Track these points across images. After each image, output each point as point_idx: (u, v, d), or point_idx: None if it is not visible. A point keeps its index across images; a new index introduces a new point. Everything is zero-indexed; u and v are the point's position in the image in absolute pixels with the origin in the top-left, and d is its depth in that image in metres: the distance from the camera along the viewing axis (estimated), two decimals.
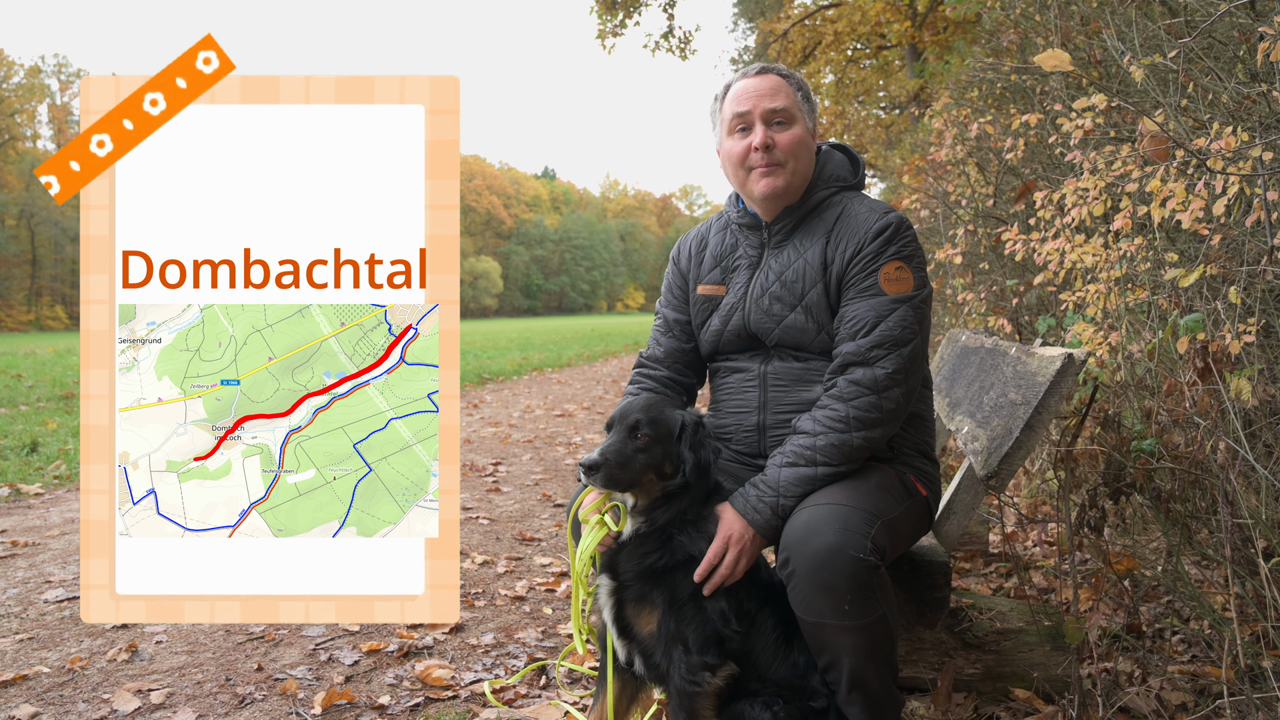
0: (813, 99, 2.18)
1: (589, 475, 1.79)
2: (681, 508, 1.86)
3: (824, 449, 1.90)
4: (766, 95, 2.07)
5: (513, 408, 9.48)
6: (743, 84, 2.12)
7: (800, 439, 1.93)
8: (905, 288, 1.98)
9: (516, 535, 4.26)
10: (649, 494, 1.86)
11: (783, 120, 2.07)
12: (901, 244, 2.01)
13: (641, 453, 1.83)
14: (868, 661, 1.76)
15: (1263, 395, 2.56)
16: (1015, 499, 4.20)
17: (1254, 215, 2.36)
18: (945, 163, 6.35)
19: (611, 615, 1.91)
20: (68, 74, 68.06)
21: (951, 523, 2.28)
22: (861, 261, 2.00)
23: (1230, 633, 2.12)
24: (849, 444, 1.90)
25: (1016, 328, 4.53)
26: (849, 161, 2.23)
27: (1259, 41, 2.40)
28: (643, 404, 1.92)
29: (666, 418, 1.89)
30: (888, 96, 18.04)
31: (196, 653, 2.76)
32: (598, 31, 15.41)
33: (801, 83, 2.15)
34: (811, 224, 2.12)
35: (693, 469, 1.85)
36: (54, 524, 4.35)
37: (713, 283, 2.23)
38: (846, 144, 2.30)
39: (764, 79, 2.10)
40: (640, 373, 2.33)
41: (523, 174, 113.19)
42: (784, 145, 2.07)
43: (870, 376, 1.92)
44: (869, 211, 2.06)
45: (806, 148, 2.11)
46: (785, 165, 2.07)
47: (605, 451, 1.80)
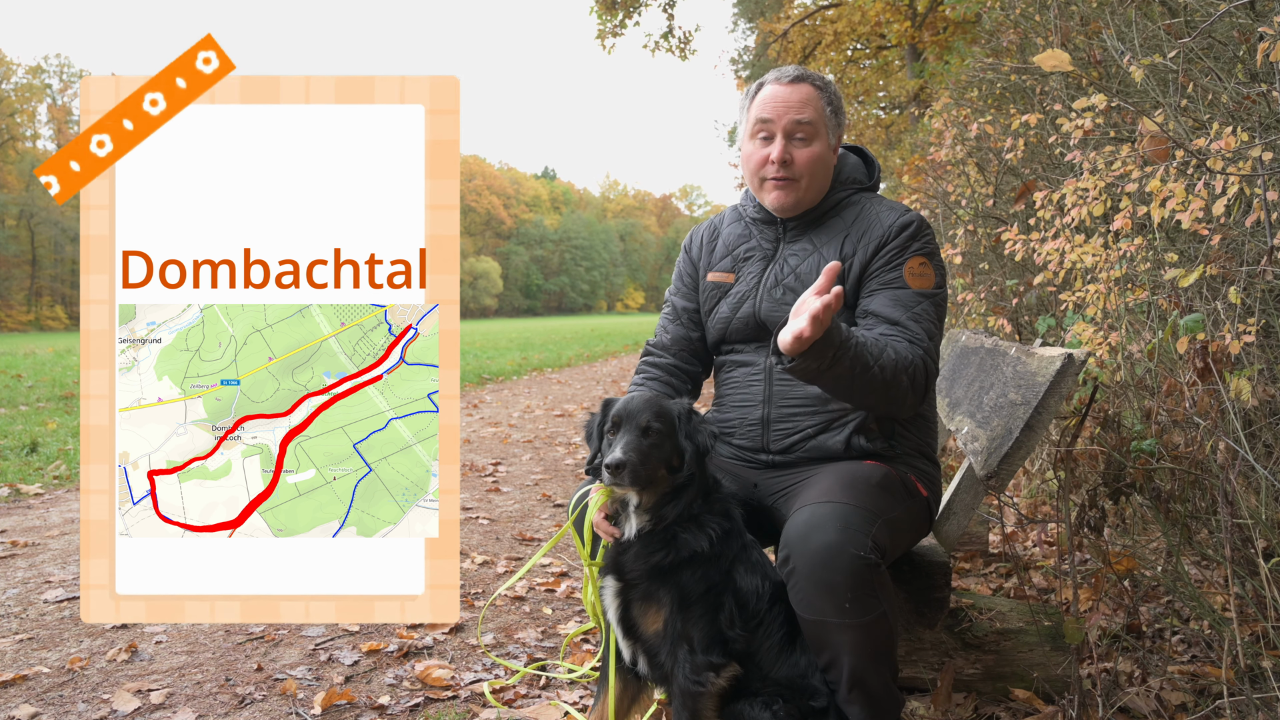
0: (842, 111, 2.17)
1: (615, 474, 1.77)
2: (687, 501, 1.86)
3: (889, 360, 1.83)
4: (795, 107, 2.07)
5: (513, 408, 9.47)
6: (773, 90, 2.10)
7: (877, 337, 1.88)
8: (928, 284, 2.01)
9: (516, 535, 4.26)
10: (657, 490, 1.86)
11: (805, 136, 2.07)
12: (924, 240, 2.05)
13: (655, 449, 1.84)
14: (868, 661, 1.76)
15: (1263, 395, 2.56)
16: (1015, 499, 4.20)
17: (1254, 215, 2.36)
18: (945, 163, 6.35)
19: (617, 615, 1.91)
20: (68, 74, 68.05)
21: (951, 523, 2.28)
22: (887, 255, 2.02)
23: (1230, 633, 2.12)
24: (899, 379, 1.85)
25: (1016, 328, 4.53)
26: (864, 164, 2.25)
27: (1259, 41, 2.40)
28: (644, 401, 1.92)
29: (669, 411, 1.91)
30: (888, 97, 18.02)
31: (196, 653, 2.76)
32: (598, 31, 15.43)
33: (834, 95, 2.14)
34: (829, 222, 2.14)
35: (692, 457, 1.86)
36: (54, 524, 4.35)
37: (723, 270, 2.24)
38: (863, 146, 2.31)
39: (796, 88, 2.08)
40: (647, 361, 2.34)
41: (523, 174, 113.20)
42: (801, 162, 2.07)
43: (923, 356, 1.93)
44: (889, 210, 2.09)
45: (824, 165, 2.12)
46: (799, 181, 2.09)
47: (628, 449, 1.80)
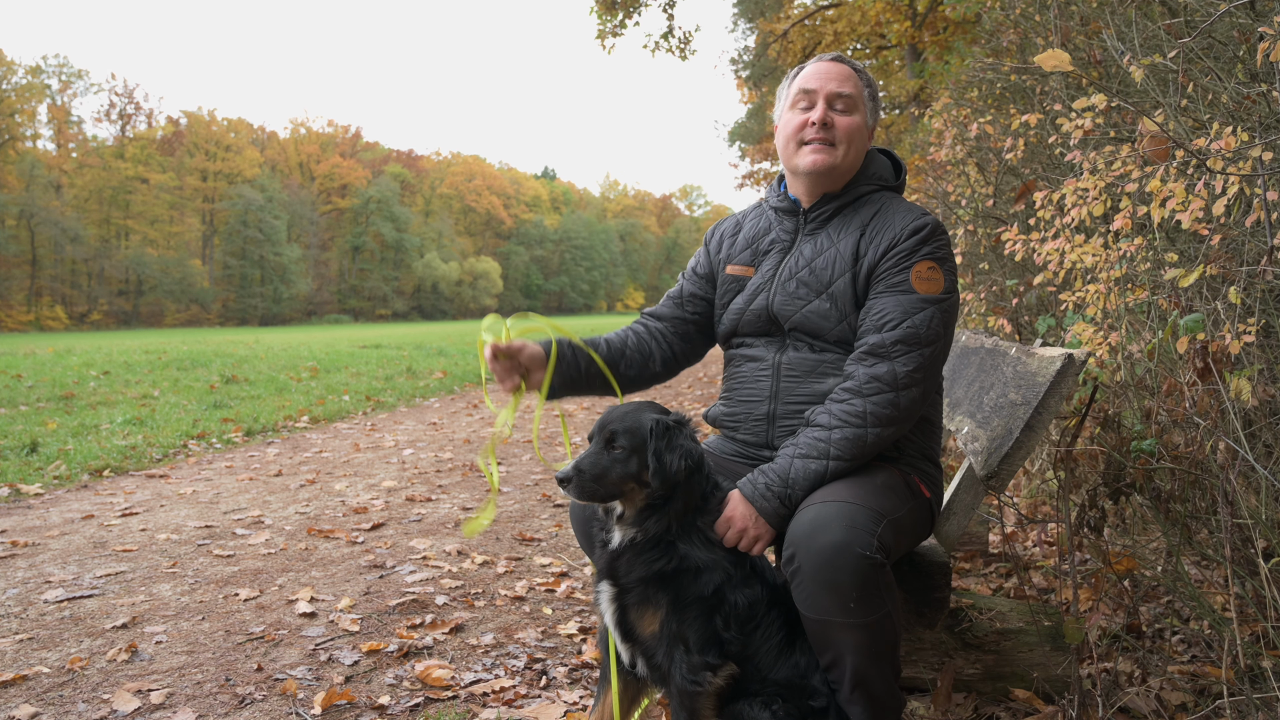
0: (878, 100, 2.23)
1: (563, 487, 1.80)
2: (674, 514, 1.83)
3: (838, 443, 1.90)
4: (835, 79, 2.13)
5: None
6: (816, 66, 2.18)
7: (815, 431, 1.93)
8: (936, 289, 2.00)
9: (516, 535, 4.26)
10: (634, 503, 1.84)
11: (845, 106, 2.12)
12: (936, 245, 2.04)
13: (618, 463, 1.81)
14: (871, 660, 1.76)
15: (1263, 395, 2.56)
16: (1015, 499, 4.20)
17: (1254, 215, 2.36)
18: (945, 163, 6.36)
19: (614, 620, 1.90)
20: (68, 74, 68.05)
21: (951, 523, 2.28)
22: (895, 257, 2.02)
23: (1230, 633, 2.12)
24: (863, 439, 1.90)
25: (1016, 328, 4.53)
26: (892, 165, 2.27)
27: (1259, 41, 2.40)
28: (622, 412, 1.88)
29: (642, 424, 1.85)
30: (888, 96, 18.01)
31: (196, 653, 2.76)
32: (598, 32, 15.43)
33: (871, 81, 2.20)
34: (848, 216, 2.15)
35: (655, 474, 1.81)
36: (54, 524, 4.35)
37: (743, 264, 2.25)
38: (892, 149, 2.33)
39: (836, 65, 2.16)
40: (638, 321, 2.38)
41: (523, 174, 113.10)
42: (842, 127, 2.10)
43: (890, 372, 1.92)
44: (906, 211, 2.10)
45: (862, 137, 2.15)
46: (838, 147, 2.11)
47: (580, 463, 1.80)
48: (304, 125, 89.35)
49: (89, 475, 5.59)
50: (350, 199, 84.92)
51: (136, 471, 5.80)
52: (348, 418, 8.63)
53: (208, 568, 3.65)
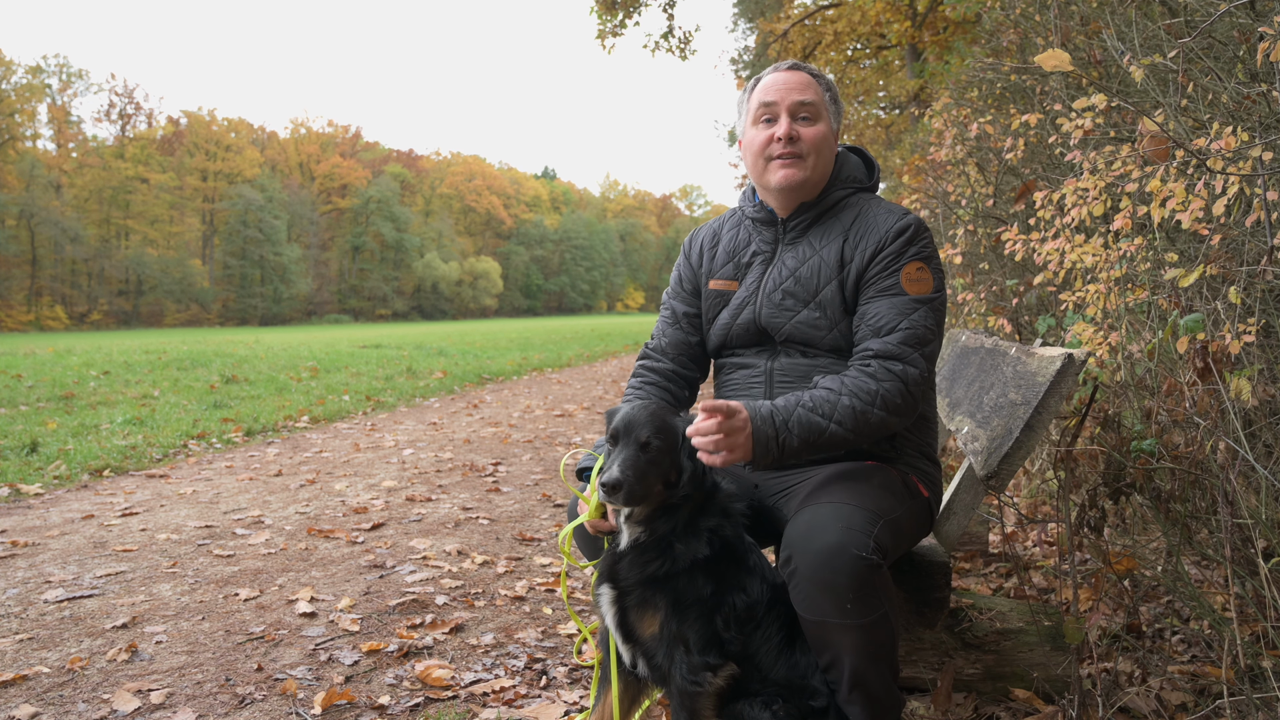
0: (840, 102, 2.20)
1: (610, 494, 1.74)
2: (682, 516, 1.84)
3: (844, 410, 1.88)
4: (796, 89, 2.10)
5: (512, 408, 9.47)
6: (773, 77, 2.14)
7: (824, 393, 1.91)
8: (926, 289, 2.00)
9: (516, 535, 4.26)
10: (652, 503, 1.84)
11: (809, 115, 2.10)
12: (921, 245, 2.04)
13: (654, 466, 1.80)
14: (869, 661, 1.76)
15: (1263, 395, 2.56)
16: (1015, 499, 4.20)
17: (1254, 215, 2.36)
18: (945, 163, 6.36)
19: (615, 622, 1.90)
20: (68, 74, 68.07)
21: (951, 523, 2.27)
22: (883, 260, 2.01)
23: (1230, 633, 2.12)
24: (868, 417, 1.89)
25: (1016, 328, 4.53)
26: (864, 164, 2.25)
27: (1259, 41, 2.40)
28: (647, 415, 1.87)
29: (671, 426, 1.86)
30: (888, 96, 18.03)
31: (196, 653, 2.76)
32: (598, 31, 15.43)
33: (830, 84, 2.18)
34: (827, 223, 2.13)
35: (689, 478, 1.83)
36: (54, 524, 4.35)
37: (725, 278, 2.23)
38: (863, 147, 2.31)
39: (794, 74, 2.13)
40: (644, 365, 2.33)
41: (523, 174, 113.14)
42: (808, 139, 2.08)
43: (902, 370, 1.93)
44: (888, 213, 2.08)
45: (829, 145, 2.13)
46: (806, 159, 2.09)
47: (625, 467, 1.75)
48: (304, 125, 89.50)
49: (89, 475, 5.59)
50: (350, 199, 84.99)
51: (136, 471, 5.80)
52: (348, 418, 8.63)
53: (208, 568, 3.65)
